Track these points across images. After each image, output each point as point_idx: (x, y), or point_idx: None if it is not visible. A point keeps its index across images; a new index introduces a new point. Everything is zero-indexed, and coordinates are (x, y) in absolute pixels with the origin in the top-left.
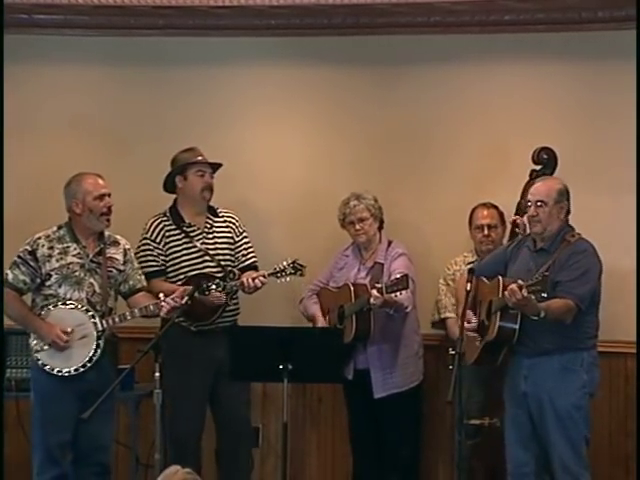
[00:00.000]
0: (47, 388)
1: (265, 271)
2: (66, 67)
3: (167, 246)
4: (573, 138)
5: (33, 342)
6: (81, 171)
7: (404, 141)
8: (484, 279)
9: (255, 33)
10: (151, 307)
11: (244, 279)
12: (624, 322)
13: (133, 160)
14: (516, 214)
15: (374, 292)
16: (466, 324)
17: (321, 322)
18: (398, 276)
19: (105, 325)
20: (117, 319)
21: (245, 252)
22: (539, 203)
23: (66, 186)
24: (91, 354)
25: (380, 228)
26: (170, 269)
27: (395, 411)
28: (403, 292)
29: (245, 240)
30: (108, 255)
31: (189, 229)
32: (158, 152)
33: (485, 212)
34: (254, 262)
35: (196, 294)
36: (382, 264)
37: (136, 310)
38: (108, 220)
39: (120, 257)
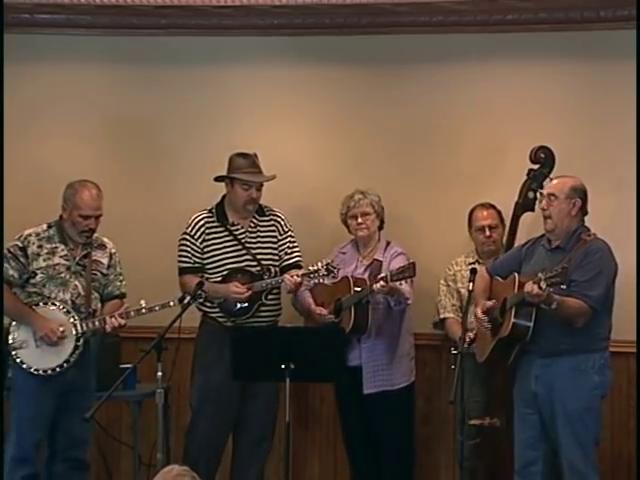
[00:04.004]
0: (25, 387)
1: (299, 271)
2: (68, 67)
3: (206, 243)
4: (574, 137)
5: (12, 339)
6: (86, 179)
7: (406, 140)
8: (498, 278)
9: (258, 32)
10: (97, 323)
11: (287, 276)
12: (626, 321)
13: (135, 159)
14: (514, 214)
15: (378, 285)
16: (480, 314)
17: (319, 311)
18: (405, 264)
19: (85, 328)
20: (97, 323)
21: (288, 250)
22: (550, 197)
23: (67, 187)
24: (68, 355)
25: (380, 228)
26: (210, 265)
27: (386, 410)
28: (404, 282)
29: (289, 239)
30: (94, 258)
31: (233, 227)
32: (160, 152)
33: (485, 213)
34: (297, 261)
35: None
36: (380, 261)
37: (117, 315)
38: (88, 237)
39: (105, 261)
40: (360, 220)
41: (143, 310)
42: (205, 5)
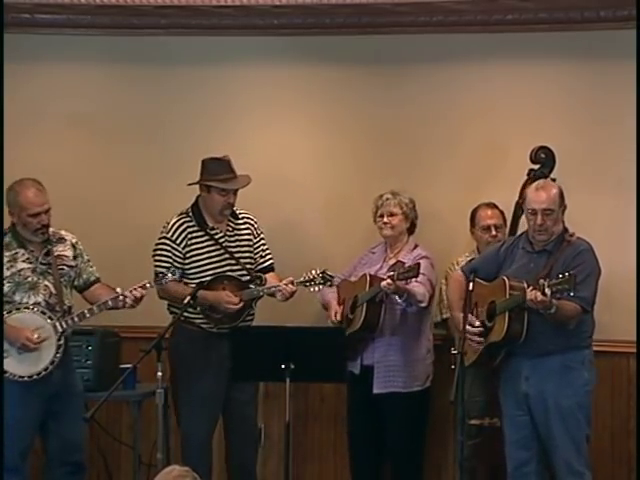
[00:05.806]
0: (9, 395)
1: (294, 279)
2: (68, 67)
3: (188, 248)
4: (574, 137)
5: None
6: (23, 178)
7: (405, 140)
8: (479, 280)
9: (258, 32)
10: (109, 302)
11: (282, 285)
12: (626, 321)
13: (136, 159)
14: (514, 214)
15: (385, 283)
16: (469, 327)
17: (334, 308)
18: (410, 264)
19: (65, 326)
20: (76, 318)
21: (262, 253)
22: (547, 212)
23: (7, 190)
24: (52, 356)
25: (410, 230)
26: (192, 270)
27: (395, 412)
28: (414, 281)
29: (262, 241)
30: (57, 253)
31: (212, 232)
32: (160, 152)
33: (489, 212)
34: (271, 263)
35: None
36: (404, 263)
37: (95, 307)
38: (43, 234)
39: (69, 253)
40: (386, 220)
41: (120, 297)
42: (205, 5)
